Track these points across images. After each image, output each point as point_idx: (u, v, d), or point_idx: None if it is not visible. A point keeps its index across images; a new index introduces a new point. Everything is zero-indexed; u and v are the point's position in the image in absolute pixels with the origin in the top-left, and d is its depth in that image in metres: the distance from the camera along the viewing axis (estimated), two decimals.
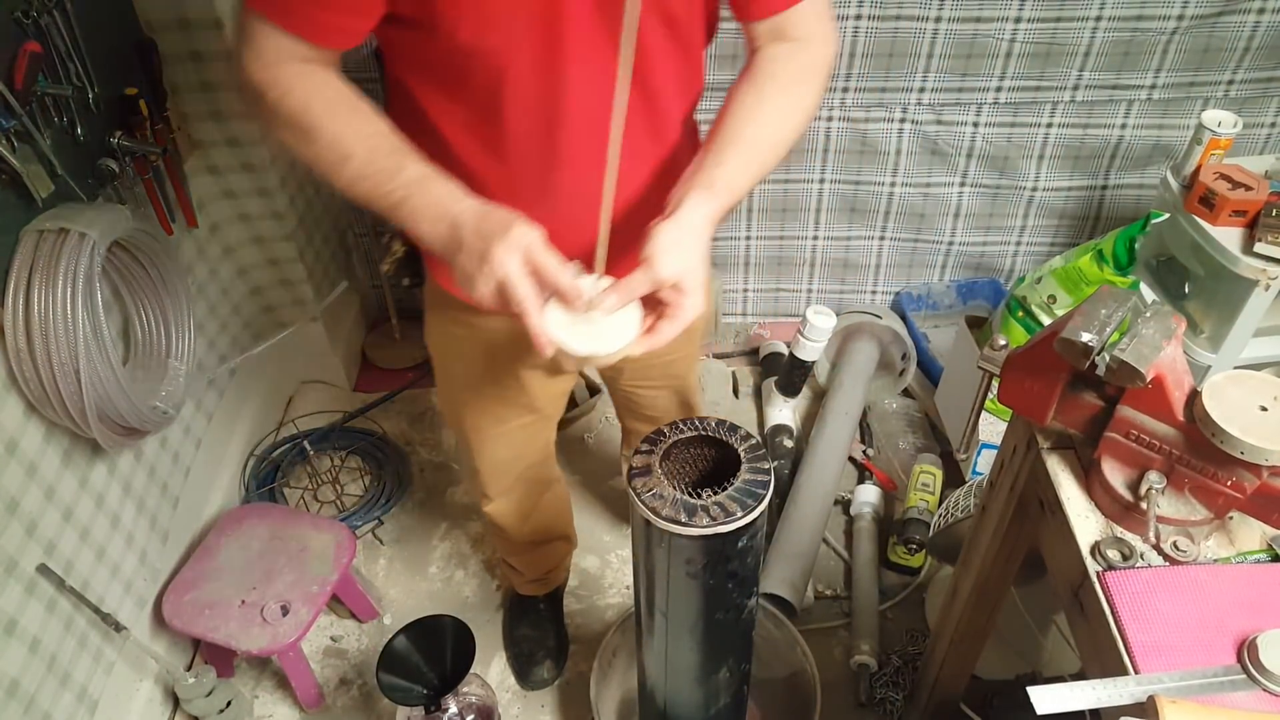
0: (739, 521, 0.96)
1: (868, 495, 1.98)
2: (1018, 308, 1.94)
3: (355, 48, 0.93)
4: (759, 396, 2.29)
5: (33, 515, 1.34)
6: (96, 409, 1.34)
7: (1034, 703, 0.80)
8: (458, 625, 1.41)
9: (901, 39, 1.93)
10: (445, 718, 1.44)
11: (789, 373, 2.02)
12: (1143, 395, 0.88)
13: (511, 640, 1.80)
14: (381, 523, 2.03)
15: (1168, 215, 1.77)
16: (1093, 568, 0.90)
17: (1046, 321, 1.87)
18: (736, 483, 0.99)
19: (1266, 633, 0.81)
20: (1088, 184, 2.18)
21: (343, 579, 1.69)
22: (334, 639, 1.84)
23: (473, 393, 1.32)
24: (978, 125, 2.07)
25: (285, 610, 1.59)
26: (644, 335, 0.90)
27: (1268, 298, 1.72)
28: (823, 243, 2.31)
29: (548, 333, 0.86)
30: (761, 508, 0.98)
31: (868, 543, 1.90)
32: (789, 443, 2.11)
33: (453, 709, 1.45)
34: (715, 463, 1.08)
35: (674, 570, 1.03)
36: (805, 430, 2.17)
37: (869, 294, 2.42)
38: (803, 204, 2.22)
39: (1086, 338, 0.88)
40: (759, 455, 1.02)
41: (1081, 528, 0.94)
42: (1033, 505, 1.05)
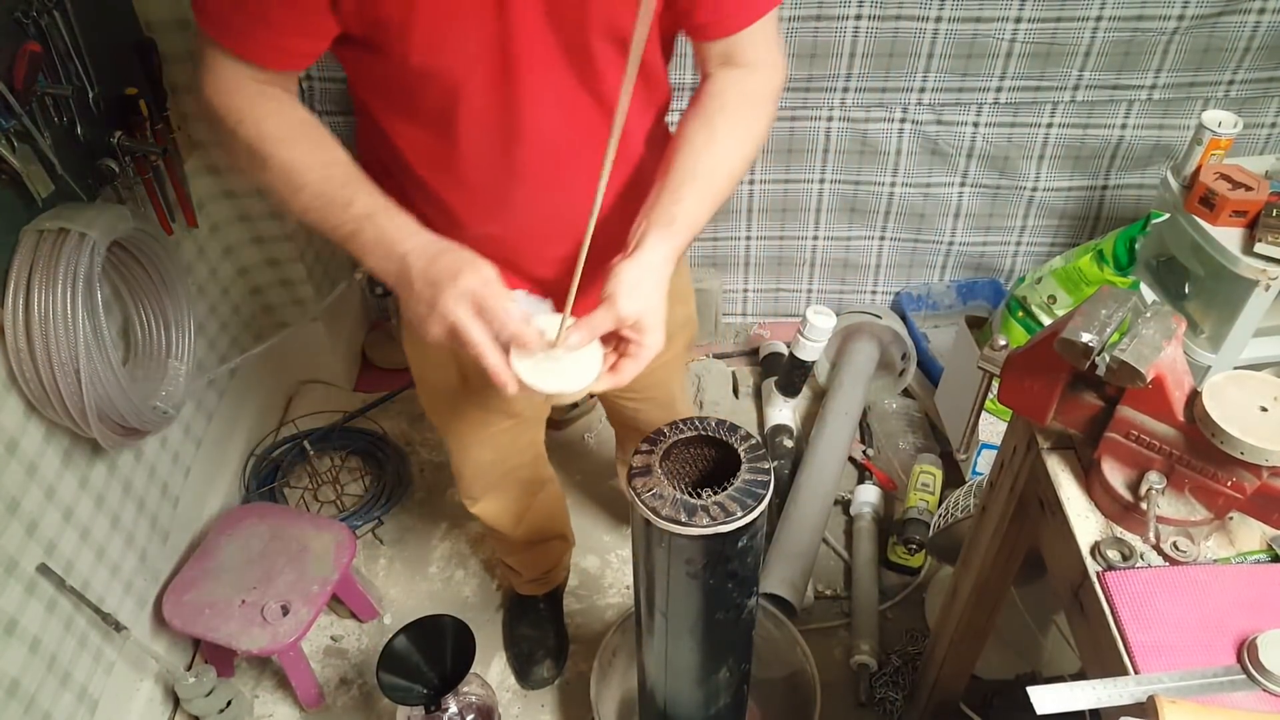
0: (739, 521, 0.96)
1: (868, 495, 1.98)
2: (1018, 308, 1.94)
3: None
4: (759, 396, 2.29)
5: (33, 515, 1.34)
6: (97, 409, 1.34)
7: (1034, 702, 0.80)
8: (458, 625, 1.41)
9: (901, 39, 1.93)
10: (445, 717, 1.44)
11: (789, 373, 2.02)
12: (1143, 395, 0.88)
13: (511, 640, 1.80)
14: (381, 522, 2.03)
15: (1168, 215, 1.77)
16: (1093, 568, 0.90)
17: (1046, 322, 1.87)
18: (736, 483, 0.99)
19: (1266, 633, 0.81)
20: (1088, 184, 2.18)
21: (343, 579, 1.69)
22: (334, 639, 1.84)
23: (451, 400, 1.32)
24: (978, 125, 2.07)
25: (285, 610, 1.59)
26: (607, 373, 0.93)
27: (1268, 298, 1.72)
28: (823, 243, 2.31)
29: (505, 373, 0.88)
30: (761, 508, 0.98)
31: (868, 543, 1.90)
32: (789, 443, 2.11)
33: (453, 708, 1.45)
34: (715, 463, 1.08)
35: (674, 570, 1.03)
36: (805, 430, 2.17)
37: (869, 294, 2.42)
38: (803, 204, 2.22)
39: (1087, 338, 0.88)
40: (759, 455, 1.02)
41: (1081, 528, 0.94)
42: (1033, 505, 1.05)
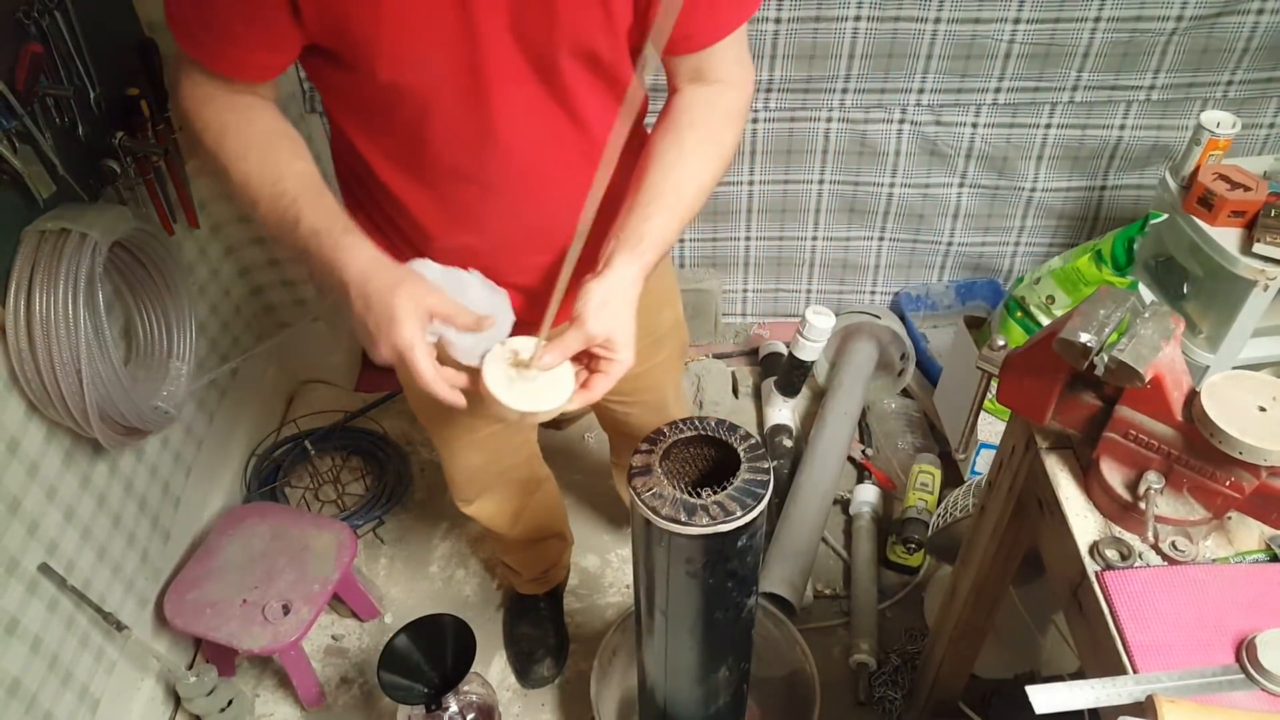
0: (738, 521, 0.97)
1: (867, 495, 1.99)
2: (1016, 308, 1.94)
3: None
4: (758, 396, 2.30)
5: (34, 515, 1.35)
6: (98, 409, 1.34)
7: (1032, 702, 0.80)
8: (458, 624, 1.41)
9: (901, 40, 1.93)
10: (446, 716, 1.44)
11: (788, 373, 2.03)
12: (1141, 395, 0.89)
13: (512, 639, 1.80)
14: (382, 522, 2.03)
15: (1166, 216, 1.77)
16: (1091, 567, 0.90)
17: (1045, 322, 1.87)
18: (736, 482, 0.99)
19: (1265, 632, 0.81)
20: (1086, 184, 2.18)
21: (344, 578, 1.69)
22: (335, 638, 1.84)
23: (436, 404, 1.31)
24: (977, 126, 2.08)
25: (286, 609, 1.59)
26: (579, 391, 0.94)
27: (1266, 298, 1.72)
28: (822, 243, 2.31)
29: (452, 396, 0.91)
30: (761, 507, 0.99)
31: (867, 542, 1.90)
32: (788, 442, 2.11)
33: (453, 708, 1.45)
34: (715, 462, 1.09)
35: (674, 569, 1.04)
36: (805, 430, 2.17)
37: (868, 294, 2.42)
38: (802, 204, 2.23)
39: (1085, 338, 0.88)
40: (758, 455, 1.02)
41: (1080, 527, 0.94)
42: (1031, 505, 1.06)
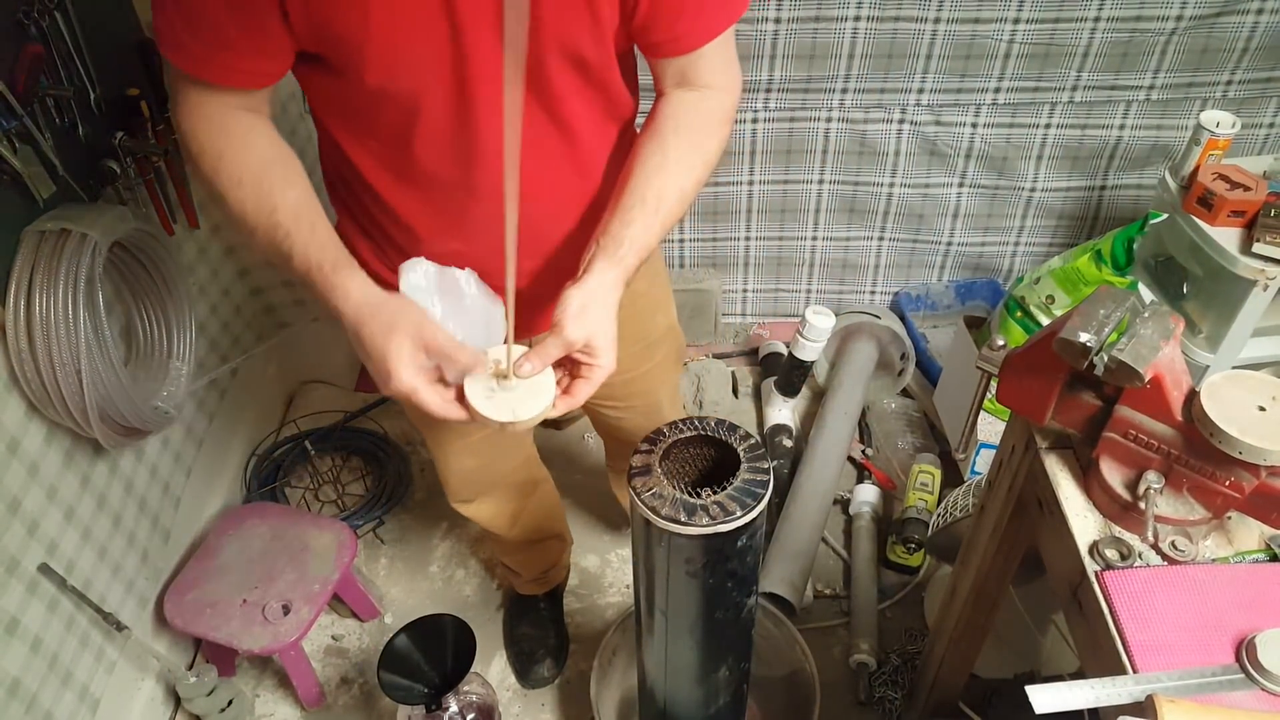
0: (738, 521, 0.97)
1: (867, 495, 1.99)
2: (1016, 308, 1.94)
3: None
4: (758, 396, 2.30)
5: (34, 515, 1.35)
6: (98, 409, 1.34)
7: (1032, 702, 0.80)
8: (458, 624, 1.42)
9: (900, 40, 1.93)
10: (446, 716, 1.44)
11: (788, 373, 2.03)
12: (1141, 395, 0.89)
13: (512, 639, 1.80)
14: (382, 522, 2.03)
15: (1166, 215, 1.78)
16: (1091, 567, 0.90)
17: (1045, 322, 1.87)
18: (736, 482, 0.99)
19: (1265, 632, 0.81)
20: (1086, 184, 2.18)
21: (344, 578, 1.69)
22: (335, 638, 1.84)
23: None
24: (976, 126, 2.08)
25: (286, 609, 1.59)
26: (560, 397, 0.94)
27: (1266, 298, 1.72)
28: (822, 243, 2.31)
29: (461, 415, 0.90)
30: (761, 507, 0.99)
31: (867, 542, 1.90)
32: (788, 442, 2.11)
33: (453, 708, 1.45)
34: (715, 462, 1.09)
35: (674, 569, 1.04)
36: (804, 430, 2.17)
37: (868, 294, 2.42)
38: (802, 204, 2.23)
39: (1085, 338, 0.88)
40: (758, 455, 1.02)
41: (1080, 527, 0.94)
42: (1031, 505, 1.06)
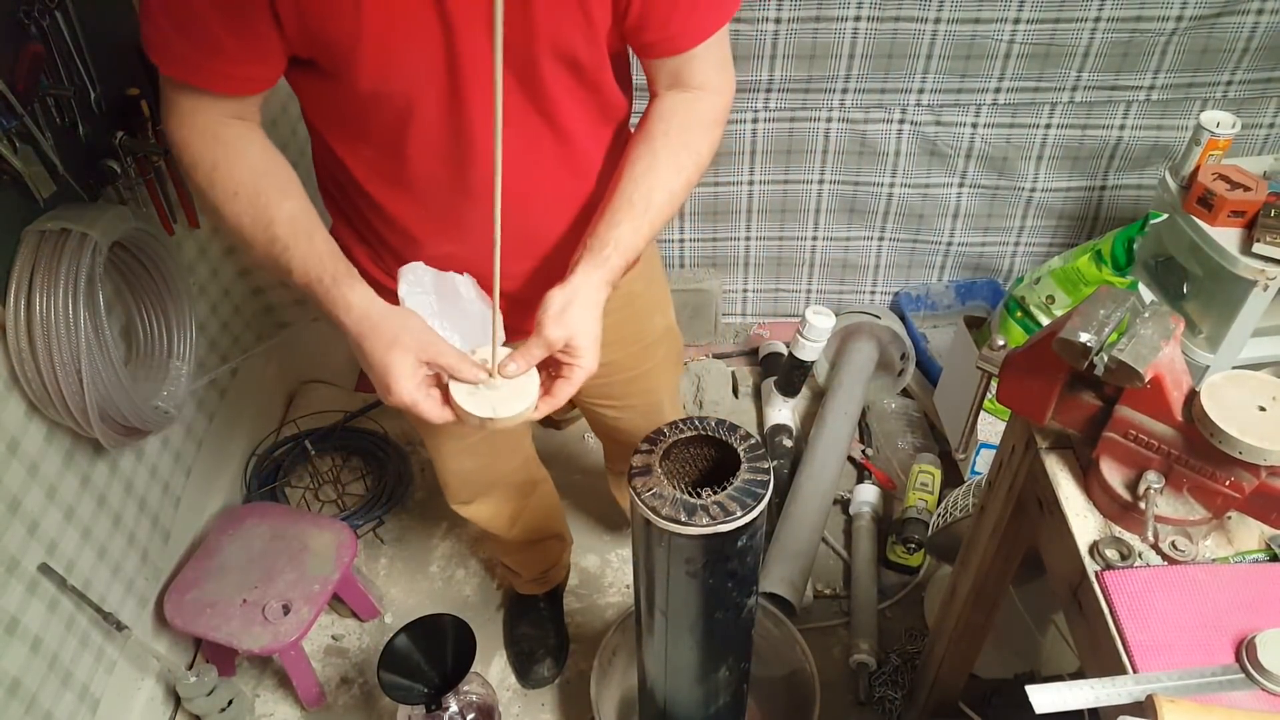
0: (738, 521, 0.97)
1: (867, 495, 1.99)
2: (1016, 308, 1.94)
3: None
4: (759, 396, 2.30)
5: (34, 515, 1.35)
6: (98, 409, 1.34)
7: (1032, 702, 0.80)
8: (458, 624, 1.42)
9: (901, 40, 1.93)
10: (446, 716, 1.44)
11: (788, 373, 2.03)
12: (1141, 395, 0.89)
13: (512, 639, 1.80)
14: (382, 522, 2.03)
15: (1166, 216, 1.78)
16: (1091, 567, 0.90)
17: (1045, 322, 1.87)
18: (736, 482, 0.99)
19: (1265, 632, 0.81)
20: (1086, 184, 2.19)
21: (344, 578, 1.69)
22: (335, 638, 1.84)
23: None
24: (976, 126, 2.08)
25: (286, 609, 1.59)
26: (542, 398, 0.94)
27: (1266, 298, 1.72)
28: (822, 243, 2.31)
29: (446, 417, 0.92)
30: (761, 507, 0.99)
31: (867, 542, 1.91)
32: (788, 442, 2.11)
33: (453, 707, 1.45)
34: (715, 462, 1.09)
35: (674, 569, 1.04)
36: (805, 430, 2.17)
37: (868, 294, 2.42)
38: (802, 204, 2.23)
39: (1085, 338, 0.89)
40: (758, 455, 1.02)
41: (1080, 527, 0.94)
42: (1031, 505, 1.06)
